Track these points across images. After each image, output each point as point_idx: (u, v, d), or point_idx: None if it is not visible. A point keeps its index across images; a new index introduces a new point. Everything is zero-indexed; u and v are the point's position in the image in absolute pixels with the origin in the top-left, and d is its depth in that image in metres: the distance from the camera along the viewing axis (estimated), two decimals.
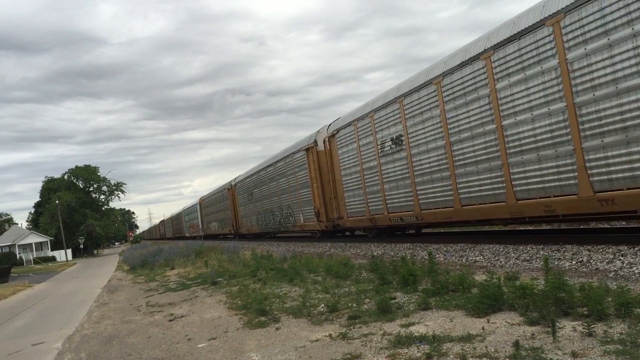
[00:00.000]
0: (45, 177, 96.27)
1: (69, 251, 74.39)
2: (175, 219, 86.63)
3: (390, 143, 16.53)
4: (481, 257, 12.01)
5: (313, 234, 26.42)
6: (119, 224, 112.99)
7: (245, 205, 37.84)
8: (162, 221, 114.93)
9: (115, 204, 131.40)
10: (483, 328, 6.02)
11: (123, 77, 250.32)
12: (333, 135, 20.83)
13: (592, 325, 5.33)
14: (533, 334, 5.53)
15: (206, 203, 56.05)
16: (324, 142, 22.02)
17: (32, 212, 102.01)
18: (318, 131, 22.90)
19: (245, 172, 38.92)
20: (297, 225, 26.59)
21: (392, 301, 8.16)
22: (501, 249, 12.09)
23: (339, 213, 21.08)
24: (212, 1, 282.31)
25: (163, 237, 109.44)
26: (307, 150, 23.63)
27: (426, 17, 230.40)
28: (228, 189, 43.14)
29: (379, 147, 17.23)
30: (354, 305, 8.57)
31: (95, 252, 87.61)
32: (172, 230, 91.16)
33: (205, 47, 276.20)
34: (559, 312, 6.05)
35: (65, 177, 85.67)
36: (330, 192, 21.88)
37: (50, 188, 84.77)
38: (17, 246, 73.68)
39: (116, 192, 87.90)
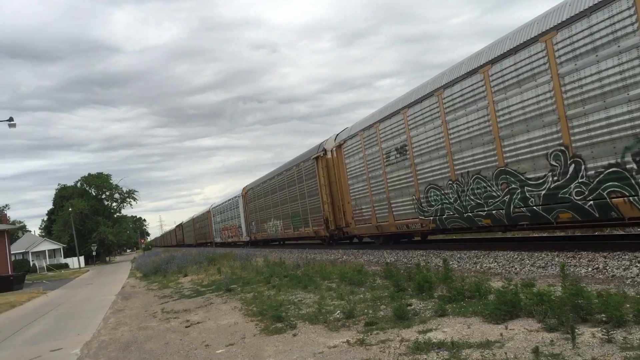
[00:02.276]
0: (59, 184, 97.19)
1: (82, 258, 74.88)
2: (199, 221, 69.47)
3: None
4: (495, 264, 12.01)
5: None
6: (130, 232, 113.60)
7: (372, 180, 18.95)
8: (180, 225, 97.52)
9: (127, 211, 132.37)
10: (501, 334, 6.04)
11: (136, 85, 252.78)
12: None
13: (612, 332, 5.35)
14: (552, 341, 5.55)
15: (256, 193, 37.24)
16: None
17: (45, 219, 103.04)
18: None
19: (377, 111, 19.01)
20: None
21: (409, 308, 8.19)
22: (515, 256, 12.08)
23: None
24: (225, 9, 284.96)
25: (181, 244, 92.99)
26: None
27: (438, 24, 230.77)
28: (316, 157, 24.12)
29: None
30: (370, 311, 8.61)
31: (107, 259, 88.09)
32: (194, 235, 75.39)
33: (217, 55, 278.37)
34: (577, 318, 6.07)
35: (78, 184, 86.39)
36: None
37: (63, 196, 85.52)
38: (30, 253, 74.28)
39: (128, 200, 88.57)
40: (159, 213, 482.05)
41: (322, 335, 7.67)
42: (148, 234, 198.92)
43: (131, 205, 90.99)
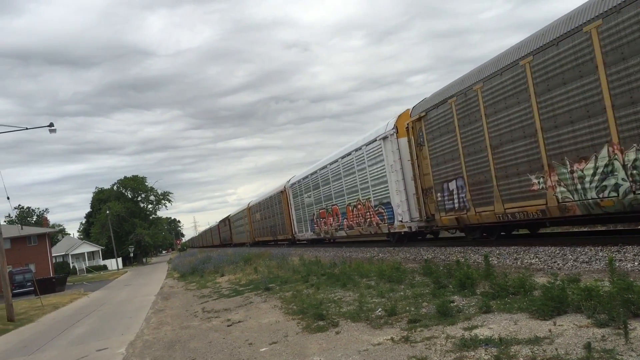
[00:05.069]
0: (96, 188, 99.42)
1: (120, 260, 76.40)
2: (262, 209, 45.77)
3: None
4: (537, 259, 11.82)
5: None
6: (165, 233, 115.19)
7: None
8: (225, 220, 73.01)
9: (162, 212, 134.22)
10: (550, 330, 5.95)
11: (170, 88, 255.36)
12: None
13: None
14: (603, 336, 5.45)
15: (502, 94, 12.94)
16: None
17: (84, 222, 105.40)
18: None
19: None
20: None
21: (452, 304, 8.13)
22: (557, 251, 11.86)
23: None
24: (256, 10, 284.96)
25: (227, 243, 70.51)
26: None
27: (469, 18, 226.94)
28: None
29: None
30: (412, 309, 8.58)
31: (144, 260, 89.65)
32: (251, 230, 51.74)
33: (249, 56, 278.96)
34: (628, 313, 5.93)
35: (115, 187, 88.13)
36: None
37: (101, 199, 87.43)
38: (70, 256, 76.20)
39: (163, 202, 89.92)
40: (193, 214, 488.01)
41: (365, 333, 7.67)
42: (183, 235, 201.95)
43: (166, 206, 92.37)
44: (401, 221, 19.03)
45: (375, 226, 21.36)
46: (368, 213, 21.89)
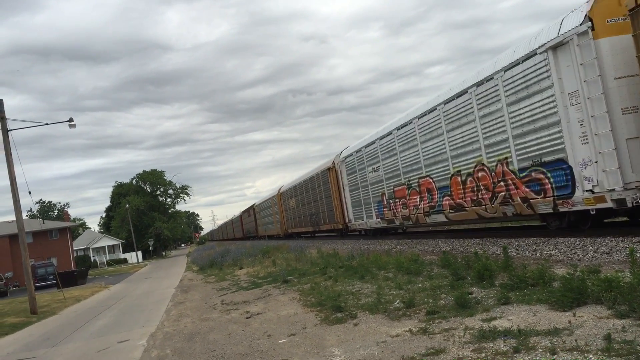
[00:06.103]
0: (116, 182, 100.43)
1: (139, 253, 77.27)
2: (297, 194, 36.93)
3: None
4: (556, 250, 11.73)
5: None
6: (184, 226, 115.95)
7: None
8: (249, 210, 64.68)
9: (181, 206, 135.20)
10: (570, 322, 5.92)
11: (188, 82, 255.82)
12: None
13: None
14: (624, 327, 5.41)
15: None
16: None
17: (104, 216, 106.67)
18: None
19: None
20: None
21: (470, 296, 8.11)
22: (577, 242, 11.74)
23: None
24: (274, 3, 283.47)
25: (251, 235, 63.84)
26: None
27: (488, 8, 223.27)
28: None
29: None
30: (431, 300, 8.58)
31: (163, 253, 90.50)
32: (283, 220, 43.23)
33: (266, 49, 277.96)
34: None
35: (134, 182, 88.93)
36: None
37: (120, 193, 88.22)
38: (91, 249, 77.25)
39: (181, 195, 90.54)
40: (211, 208, 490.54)
41: (384, 325, 7.69)
42: (201, 229, 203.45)
43: (184, 200, 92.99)
44: (592, 190, 10.75)
45: (520, 203, 13.00)
46: (502, 182, 13.52)
